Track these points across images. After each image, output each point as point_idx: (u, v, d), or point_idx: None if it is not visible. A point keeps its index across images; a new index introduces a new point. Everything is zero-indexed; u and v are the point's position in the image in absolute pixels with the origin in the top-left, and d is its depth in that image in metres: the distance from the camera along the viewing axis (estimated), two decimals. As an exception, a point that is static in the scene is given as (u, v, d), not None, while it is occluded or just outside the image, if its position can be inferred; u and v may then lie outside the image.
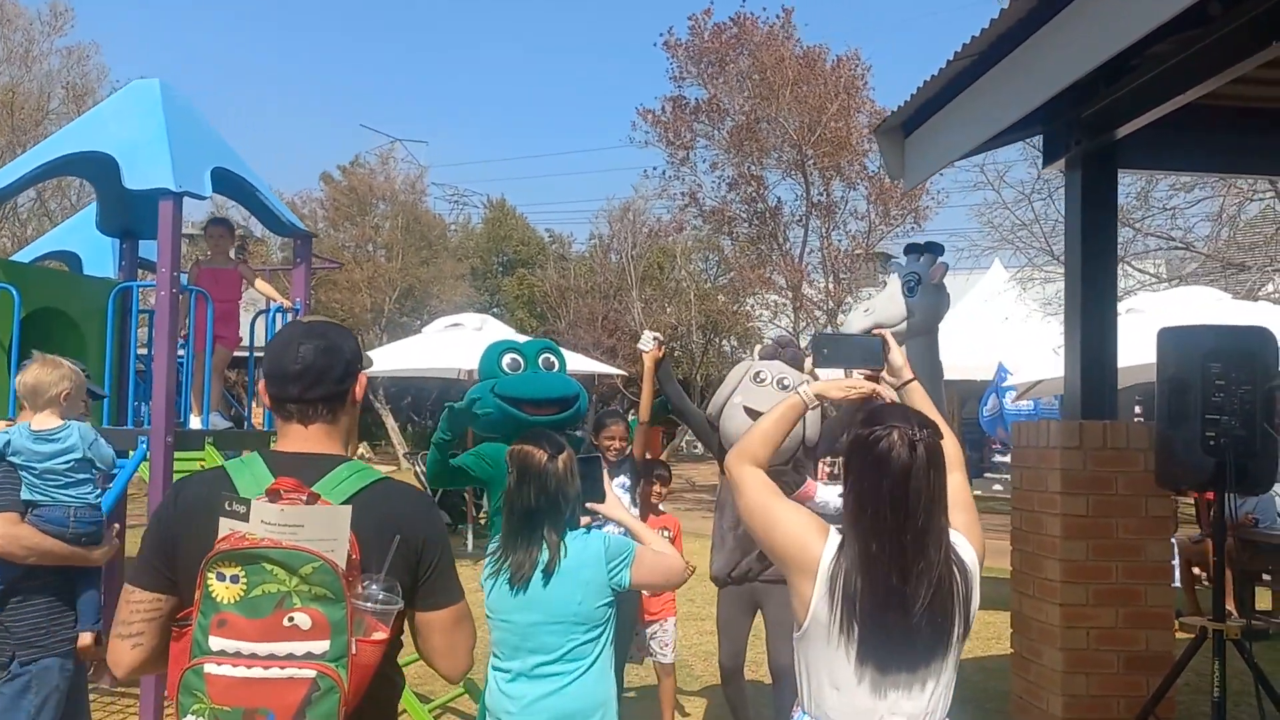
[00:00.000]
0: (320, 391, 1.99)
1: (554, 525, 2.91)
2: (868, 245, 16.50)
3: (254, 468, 1.95)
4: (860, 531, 2.08)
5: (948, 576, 2.06)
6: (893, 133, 4.89)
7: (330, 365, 1.99)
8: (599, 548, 2.92)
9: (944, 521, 2.09)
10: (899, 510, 2.03)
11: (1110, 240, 4.76)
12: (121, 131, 5.94)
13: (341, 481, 1.92)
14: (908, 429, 2.07)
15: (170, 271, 5.61)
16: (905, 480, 2.03)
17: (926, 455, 2.06)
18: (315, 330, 2.04)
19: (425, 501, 2.09)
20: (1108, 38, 3.37)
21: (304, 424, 2.00)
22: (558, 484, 2.92)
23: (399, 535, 1.88)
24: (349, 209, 27.86)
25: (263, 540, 1.76)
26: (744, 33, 17.29)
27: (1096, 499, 4.47)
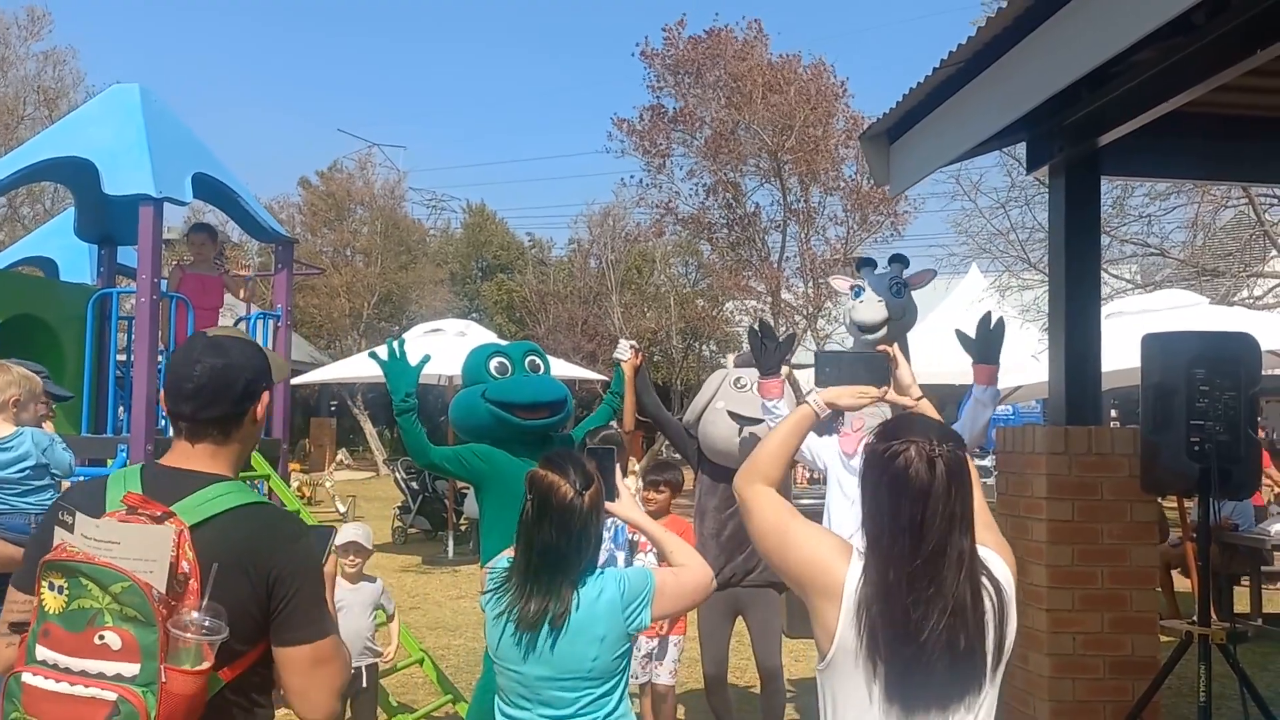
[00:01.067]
0: (214, 413, 1.94)
1: (570, 571, 2.56)
2: (846, 251, 16.57)
3: (131, 480, 1.91)
4: (878, 557, 1.93)
5: (970, 602, 1.88)
6: (877, 139, 4.90)
7: (226, 386, 1.94)
8: (614, 594, 2.57)
9: (967, 543, 1.91)
10: (915, 534, 1.87)
11: (1093, 246, 4.79)
12: (101, 137, 5.90)
13: (206, 501, 1.86)
14: (926, 444, 1.91)
15: (151, 278, 5.57)
16: (923, 502, 1.87)
17: (947, 473, 1.89)
18: (217, 347, 1.98)
19: (293, 531, 1.98)
20: (1093, 47, 3.39)
21: (191, 442, 1.96)
22: (583, 524, 2.56)
23: (219, 564, 1.79)
24: (327, 214, 27.72)
25: (78, 554, 1.73)
26: (717, 44, 17.37)
27: (1082, 504, 4.49)
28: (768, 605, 4.91)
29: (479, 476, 4.37)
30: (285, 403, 6.75)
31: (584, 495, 2.57)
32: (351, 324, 26.11)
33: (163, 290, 5.94)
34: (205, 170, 6.16)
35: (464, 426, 4.50)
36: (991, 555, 2.03)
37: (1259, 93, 4.75)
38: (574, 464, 2.64)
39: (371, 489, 19.68)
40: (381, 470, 22.49)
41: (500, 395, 4.37)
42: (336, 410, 27.74)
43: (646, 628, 2.69)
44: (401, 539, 13.64)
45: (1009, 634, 1.95)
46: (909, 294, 4.67)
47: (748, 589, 4.82)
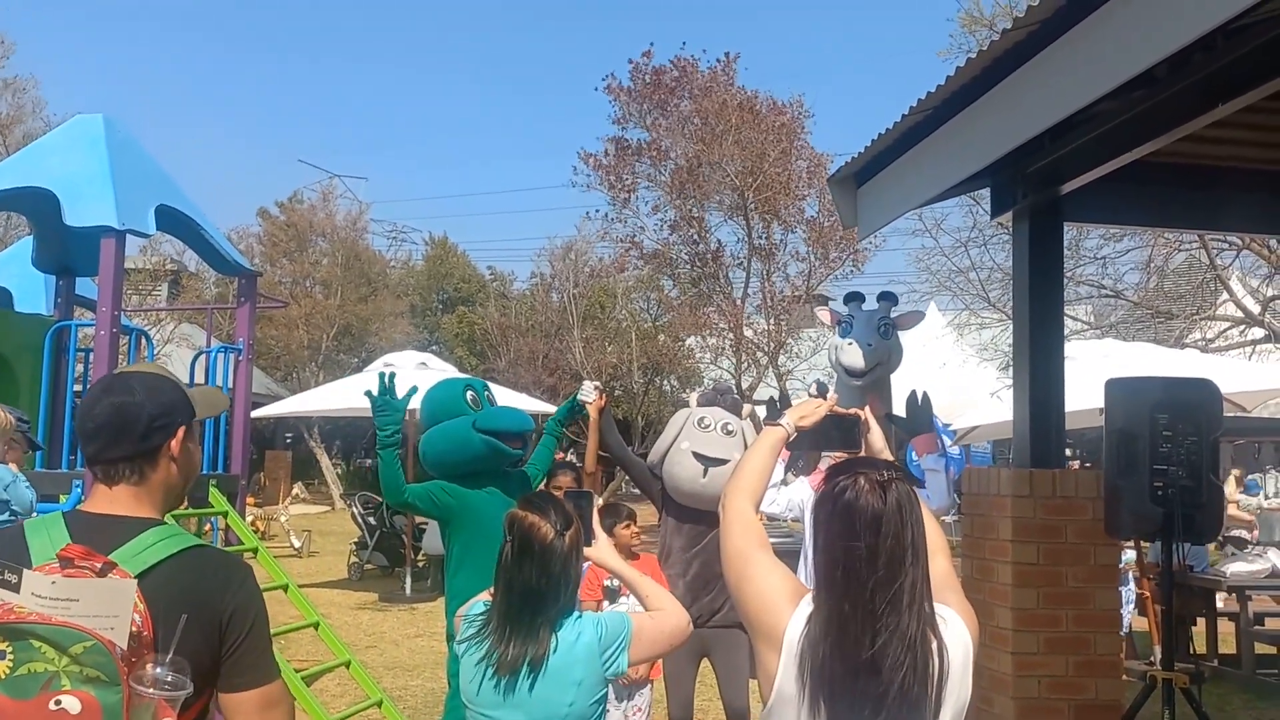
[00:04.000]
0: (118, 452, 1.88)
1: (548, 613, 2.56)
2: (808, 288, 16.71)
3: (53, 529, 1.83)
4: (831, 592, 1.91)
5: (926, 648, 1.88)
6: (846, 182, 4.96)
7: (128, 424, 1.88)
8: (591, 639, 2.57)
9: (923, 579, 1.92)
10: (873, 561, 1.86)
11: (1056, 291, 4.86)
12: (63, 167, 5.82)
13: (145, 549, 1.80)
14: (876, 474, 1.94)
15: (111, 310, 5.48)
16: (876, 528, 1.87)
17: (899, 500, 1.92)
18: (121, 385, 1.93)
19: (239, 572, 1.92)
20: (1059, 99, 3.47)
21: (108, 484, 1.89)
22: (562, 565, 2.57)
23: (187, 614, 1.74)
24: (287, 245, 27.50)
25: (30, 615, 1.63)
26: (685, 76, 17.52)
27: (1047, 547, 4.52)
28: (734, 646, 4.88)
29: (448, 513, 4.36)
30: (244, 438, 6.65)
31: (564, 536, 2.59)
32: (310, 356, 25.84)
33: (123, 324, 5.84)
34: (169, 202, 6.10)
35: (448, 460, 4.46)
36: (951, 615, 2.01)
37: (1218, 143, 4.88)
38: (554, 505, 2.66)
39: (327, 523, 19.39)
40: (338, 504, 22.19)
41: (492, 424, 4.39)
42: (292, 443, 27.39)
43: (623, 673, 2.67)
44: (358, 575, 13.43)
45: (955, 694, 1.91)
46: (896, 335, 4.73)
47: (714, 629, 4.79)
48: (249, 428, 6.72)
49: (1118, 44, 3.15)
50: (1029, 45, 3.52)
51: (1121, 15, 3.11)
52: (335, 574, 13.80)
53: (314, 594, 11.93)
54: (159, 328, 20.25)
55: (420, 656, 8.74)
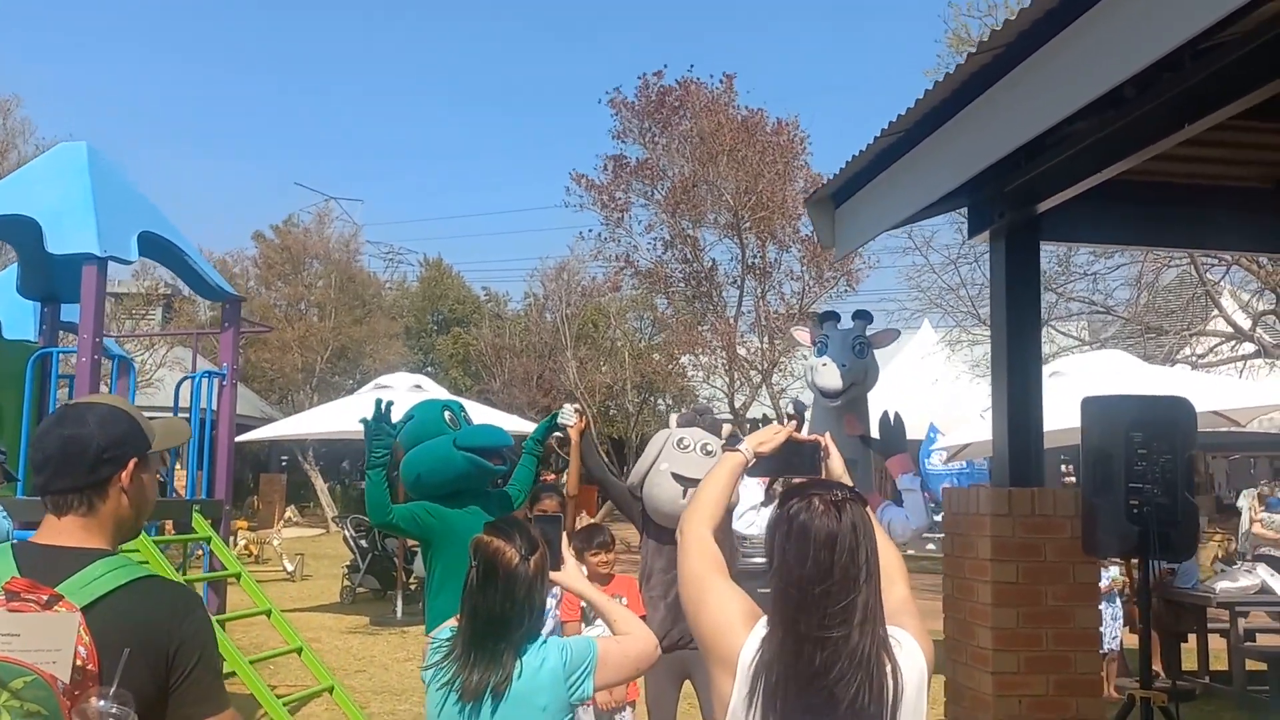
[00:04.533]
0: (66, 483, 1.88)
1: (513, 638, 2.55)
2: (801, 307, 16.74)
3: (1, 561, 1.83)
4: (785, 611, 1.93)
5: (880, 668, 1.90)
6: (823, 203, 4.98)
7: (75, 456, 1.88)
8: (556, 664, 2.56)
9: (876, 599, 1.94)
10: (826, 579, 1.89)
11: (1034, 310, 4.87)
12: (46, 195, 5.85)
13: (92, 580, 1.79)
14: (829, 494, 1.97)
15: (92, 337, 5.49)
16: (831, 547, 1.91)
17: (853, 521, 1.94)
18: (73, 416, 1.93)
19: (186, 603, 1.92)
20: (1030, 119, 3.49)
21: (57, 515, 1.89)
22: (527, 590, 2.57)
23: (130, 647, 1.73)
24: (282, 268, 27.55)
25: None
26: (688, 96, 17.61)
27: (1026, 566, 4.51)
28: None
29: (430, 533, 4.42)
30: (228, 463, 6.64)
31: (529, 561, 2.58)
32: (304, 379, 25.82)
33: (106, 350, 5.85)
34: (152, 229, 6.12)
35: (429, 480, 4.52)
36: (906, 638, 2.02)
37: (1193, 161, 4.90)
38: (519, 530, 2.65)
39: (321, 546, 19.33)
40: (331, 527, 22.14)
41: (472, 441, 4.46)
42: (287, 466, 27.35)
43: (589, 698, 2.68)
44: (350, 598, 13.38)
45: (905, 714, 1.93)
46: (871, 354, 4.73)
47: (695, 651, 4.76)
48: (233, 452, 6.71)
49: (1081, 66, 3.18)
50: (996, 68, 3.55)
51: (1084, 39, 3.14)
52: (328, 597, 13.74)
53: (305, 618, 11.88)
54: (151, 352, 20.26)
55: (409, 681, 8.69)
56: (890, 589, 2.17)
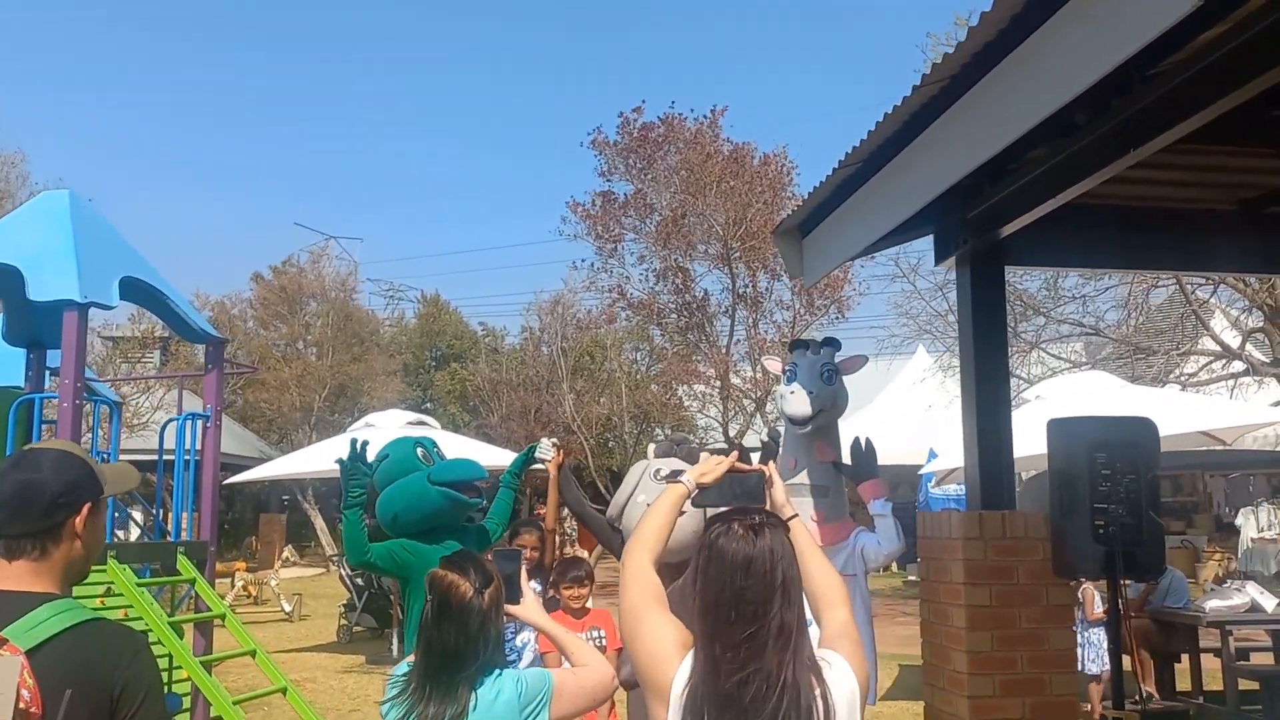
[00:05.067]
0: (21, 527, 1.92)
1: (467, 671, 2.57)
2: (793, 335, 16.80)
3: None
4: (705, 636, 1.97)
5: (806, 690, 1.92)
6: (790, 234, 5.04)
7: (30, 501, 1.92)
8: (511, 696, 2.59)
9: (792, 617, 1.96)
10: (738, 603, 1.93)
11: (1000, 335, 4.92)
12: (28, 243, 5.92)
13: (38, 624, 1.83)
14: (748, 518, 2.02)
15: (73, 382, 5.54)
16: (745, 569, 1.95)
17: (770, 545, 1.98)
18: (27, 462, 1.98)
19: (131, 646, 1.94)
20: (978, 146, 3.55)
21: (8, 559, 1.92)
22: (481, 623, 2.59)
23: (72, 689, 1.77)
24: (278, 308, 27.67)
25: None
26: (671, 131, 17.76)
27: (999, 589, 4.53)
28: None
29: (409, 570, 4.44)
30: (213, 505, 6.67)
31: (483, 594, 2.61)
32: (303, 418, 25.85)
33: (86, 395, 5.89)
34: (134, 273, 6.18)
35: (405, 518, 4.54)
36: (838, 660, 2.05)
37: (1155, 184, 4.96)
38: (474, 564, 2.69)
39: (320, 586, 19.29)
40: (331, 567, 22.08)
41: (447, 476, 4.49)
42: (288, 506, 27.32)
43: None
44: (347, 638, 13.35)
45: None
46: (840, 380, 4.77)
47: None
48: (218, 494, 6.74)
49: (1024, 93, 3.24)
50: (942, 99, 3.62)
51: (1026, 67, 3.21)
52: (325, 637, 13.71)
53: (302, 658, 11.86)
54: (148, 395, 20.31)
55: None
56: (830, 612, 2.21)
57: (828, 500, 4.51)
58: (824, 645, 2.11)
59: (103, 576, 5.71)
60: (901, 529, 4.54)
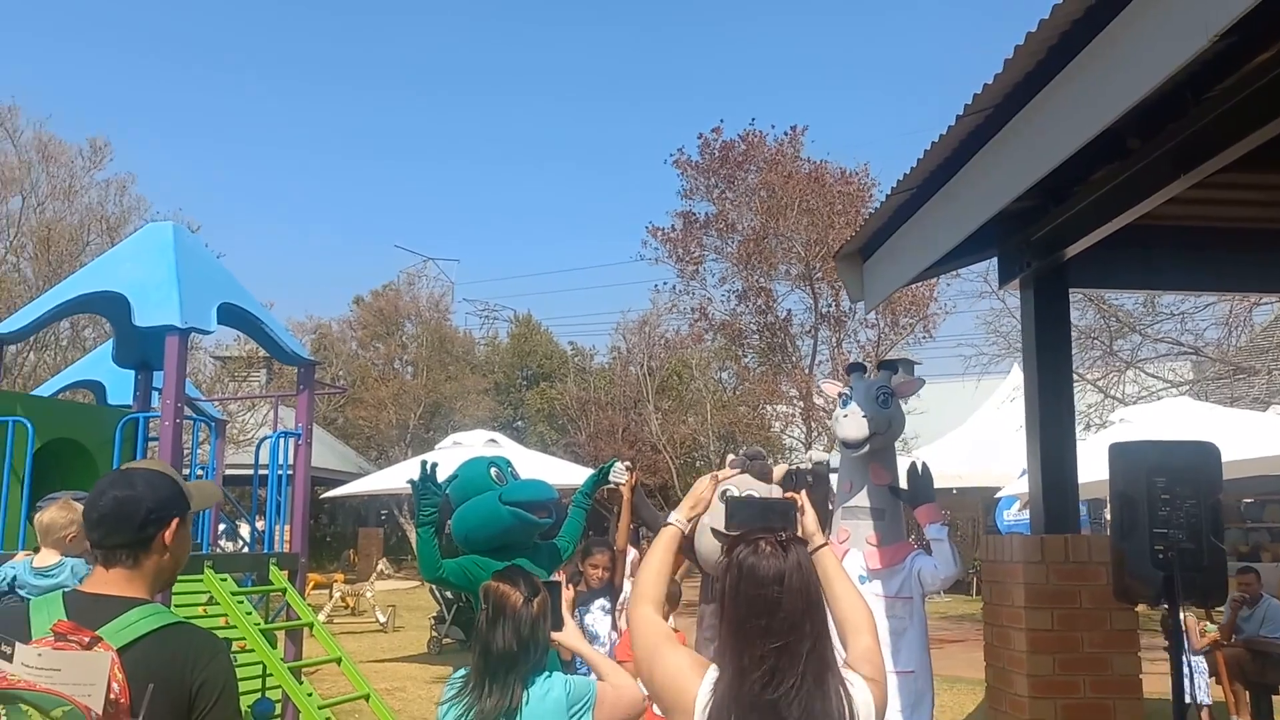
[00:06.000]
0: (118, 539, 2.13)
1: (520, 671, 2.89)
2: (878, 354, 16.67)
3: (52, 607, 2.08)
4: (734, 651, 2.04)
5: (836, 696, 2.01)
6: (851, 258, 5.11)
7: (128, 515, 2.13)
8: (559, 695, 2.90)
9: (821, 630, 2.04)
10: (771, 615, 2.00)
11: (1064, 357, 4.91)
12: (134, 272, 6.31)
13: (128, 625, 2.04)
14: (774, 536, 2.11)
15: (174, 402, 5.89)
16: (778, 584, 2.03)
17: (799, 559, 2.07)
18: (123, 480, 2.18)
19: (209, 648, 2.12)
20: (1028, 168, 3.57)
21: (106, 567, 2.14)
22: (531, 628, 2.92)
23: (154, 684, 1.96)
24: (377, 328, 28.53)
25: (20, 682, 1.88)
26: (752, 149, 17.82)
27: (1061, 613, 4.52)
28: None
29: (479, 586, 4.58)
30: (303, 518, 6.99)
31: (532, 603, 2.97)
32: (399, 435, 26.54)
33: (189, 413, 6.26)
34: (231, 300, 6.54)
35: (477, 536, 4.70)
36: (859, 681, 2.13)
37: (1221, 204, 4.90)
38: (523, 577, 3.07)
39: (414, 598, 19.77)
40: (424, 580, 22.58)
41: (518, 496, 4.61)
42: (385, 520, 28.05)
43: None
44: (437, 649, 13.69)
45: None
46: (896, 404, 4.81)
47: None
48: (308, 508, 7.06)
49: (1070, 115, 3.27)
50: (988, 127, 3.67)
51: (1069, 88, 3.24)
52: (417, 648, 14.08)
53: (393, 668, 12.23)
54: (253, 412, 21.14)
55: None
56: (855, 637, 2.29)
57: (884, 523, 4.56)
58: (847, 667, 2.18)
59: (203, 586, 6.05)
60: (958, 553, 4.55)
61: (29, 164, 19.88)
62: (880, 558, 4.51)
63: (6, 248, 19.71)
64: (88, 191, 20.32)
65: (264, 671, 6.63)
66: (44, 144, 20.13)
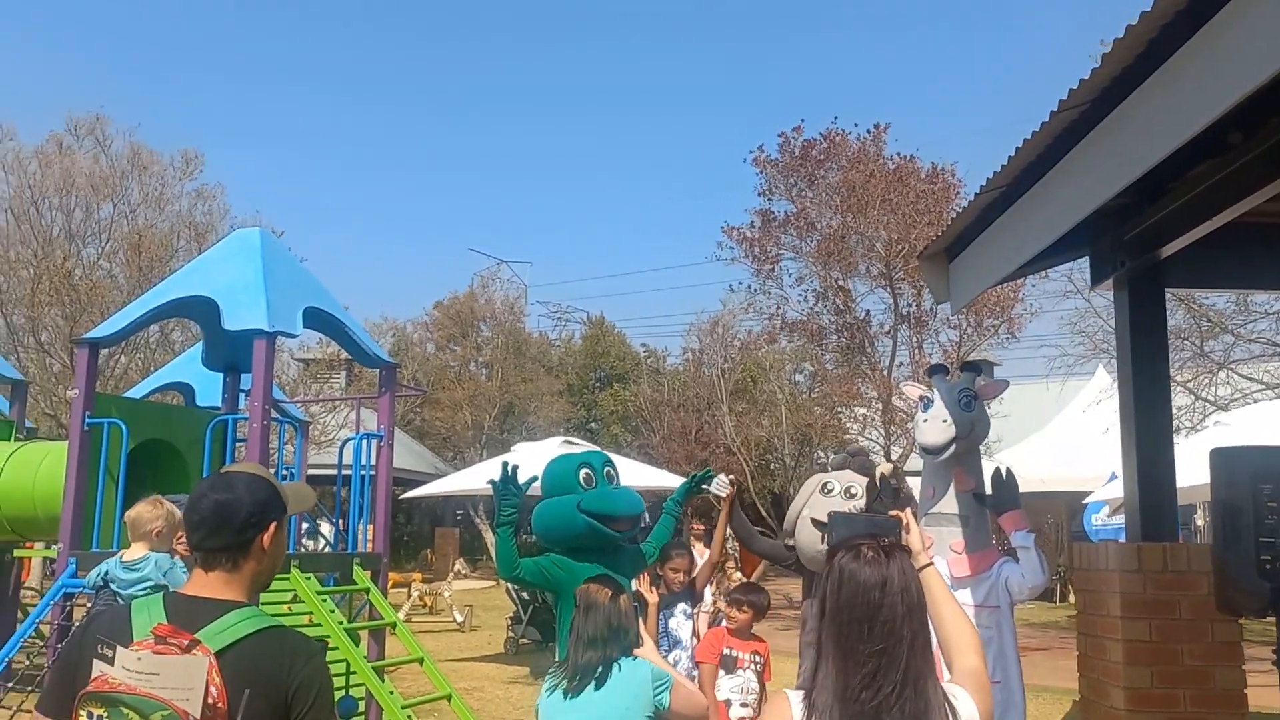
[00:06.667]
0: (217, 542, 2.15)
1: (608, 654, 3.45)
2: (960, 355, 16.35)
3: (153, 609, 2.10)
4: (836, 657, 2.02)
5: (940, 705, 1.98)
6: (936, 259, 5.01)
7: (228, 518, 2.15)
8: (645, 674, 3.46)
9: (926, 647, 2.01)
10: (873, 620, 1.99)
11: (1161, 359, 4.75)
12: (223, 277, 6.47)
13: (227, 628, 2.05)
14: (875, 542, 2.08)
15: (262, 404, 6.01)
16: (882, 586, 2.01)
17: (901, 566, 2.04)
18: (223, 483, 2.20)
19: (306, 651, 2.13)
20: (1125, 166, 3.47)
21: (206, 570, 2.16)
22: (618, 619, 3.51)
23: (251, 688, 1.98)
24: (453, 330, 28.92)
25: (120, 685, 1.92)
26: (834, 148, 17.61)
27: (1159, 623, 4.36)
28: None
29: (559, 585, 4.62)
30: (385, 518, 7.08)
31: (618, 599, 3.56)
32: (474, 436, 26.84)
33: (275, 415, 6.38)
34: (316, 304, 6.66)
35: (553, 535, 4.75)
36: (963, 694, 2.09)
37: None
38: (609, 582, 3.66)
39: (490, 598, 19.95)
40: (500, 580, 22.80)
41: (596, 507, 4.61)
42: (461, 521, 28.38)
43: (665, 708, 3.42)
44: (513, 650, 13.79)
45: None
46: (979, 406, 4.69)
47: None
48: (390, 508, 7.15)
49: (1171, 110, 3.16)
50: (1085, 122, 3.57)
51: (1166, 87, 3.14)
52: (493, 648, 14.19)
53: (470, 667, 12.35)
54: (334, 414, 21.55)
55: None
56: (961, 658, 2.23)
57: (969, 529, 4.45)
58: (952, 683, 2.14)
59: (288, 584, 6.17)
60: (1045, 561, 4.42)
61: (122, 172, 20.51)
62: (966, 565, 4.40)
63: (99, 253, 20.37)
64: (178, 200, 20.91)
65: (348, 670, 6.73)
66: (136, 153, 20.75)
